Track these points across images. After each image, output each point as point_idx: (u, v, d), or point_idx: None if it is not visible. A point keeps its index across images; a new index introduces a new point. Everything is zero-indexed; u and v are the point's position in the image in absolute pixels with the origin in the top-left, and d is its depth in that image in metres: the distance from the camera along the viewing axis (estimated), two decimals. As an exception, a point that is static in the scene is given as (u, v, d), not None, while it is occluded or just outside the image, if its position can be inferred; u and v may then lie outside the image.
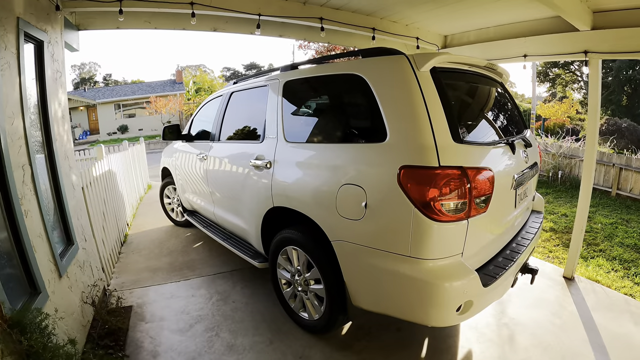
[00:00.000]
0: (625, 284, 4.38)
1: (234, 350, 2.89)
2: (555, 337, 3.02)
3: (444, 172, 2.08)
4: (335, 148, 2.62)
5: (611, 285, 4.09)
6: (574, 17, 3.28)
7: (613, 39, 3.49)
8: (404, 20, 4.77)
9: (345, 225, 2.46)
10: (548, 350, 2.85)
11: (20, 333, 1.87)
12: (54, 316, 2.20)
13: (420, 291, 2.19)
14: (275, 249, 3.13)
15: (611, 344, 2.93)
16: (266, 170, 3.11)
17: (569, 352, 2.84)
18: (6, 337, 1.81)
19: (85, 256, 3.30)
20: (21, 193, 2.23)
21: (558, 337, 3.02)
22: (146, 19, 3.81)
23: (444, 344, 2.95)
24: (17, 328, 1.87)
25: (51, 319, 2.12)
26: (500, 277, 2.38)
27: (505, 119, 3.16)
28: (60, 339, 2.22)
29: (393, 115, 2.28)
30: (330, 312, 2.75)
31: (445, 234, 2.15)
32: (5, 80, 2.14)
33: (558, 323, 3.21)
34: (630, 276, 4.69)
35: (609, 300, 3.66)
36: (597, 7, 3.47)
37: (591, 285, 3.94)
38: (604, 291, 3.84)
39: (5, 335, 1.81)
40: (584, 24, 3.45)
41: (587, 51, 3.70)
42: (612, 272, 4.80)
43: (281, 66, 3.39)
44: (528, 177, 2.90)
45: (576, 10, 3.28)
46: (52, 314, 2.18)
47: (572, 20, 3.38)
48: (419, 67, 2.26)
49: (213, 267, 4.37)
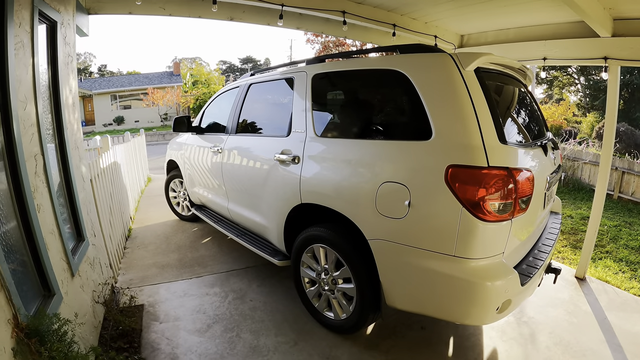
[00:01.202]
0: (633, 284, 4.44)
1: (257, 351, 2.75)
2: (574, 336, 3.03)
3: (492, 173, 2.07)
4: (375, 144, 2.54)
5: (620, 286, 4.13)
6: (596, 22, 3.32)
7: (633, 46, 3.57)
8: (424, 18, 4.81)
9: (385, 224, 2.38)
10: (568, 349, 2.87)
11: (39, 343, 1.71)
12: (73, 322, 2.03)
13: (464, 290, 2.17)
14: (300, 247, 3.01)
15: (627, 343, 2.97)
16: (293, 166, 2.98)
17: (589, 350, 2.85)
18: (24, 348, 1.65)
19: (95, 252, 3.14)
20: (34, 185, 2.06)
21: (576, 336, 3.03)
22: (161, 4, 3.68)
23: (468, 342, 2.93)
24: (36, 337, 1.71)
25: (70, 325, 1.95)
26: (534, 276, 2.41)
27: (535, 122, 3.15)
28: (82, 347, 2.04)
29: (439, 113, 2.24)
30: (360, 312, 2.67)
31: (491, 233, 2.14)
32: (19, 60, 1.96)
33: (575, 322, 3.23)
34: (637, 277, 4.76)
35: (620, 300, 3.70)
36: (618, 14, 3.53)
37: (602, 286, 3.96)
38: (614, 291, 3.88)
39: (22, 346, 1.65)
40: (605, 30, 3.51)
41: (607, 57, 3.78)
42: (620, 273, 4.87)
43: (306, 59, 3.29)
44: (555, 179, 2.96)
45: (599, 16, 3.32)
46: (71, 319, 2.00)
47: (595, 26, 3.44)
48: (464, 67, 2.24)
49: (225, 263, 4.21)
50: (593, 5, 3.15)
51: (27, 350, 1.65)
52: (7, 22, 1.81)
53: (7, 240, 1.81)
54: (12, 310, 1.64)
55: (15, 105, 1.86)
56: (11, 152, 1.84)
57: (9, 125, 1.81)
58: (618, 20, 3.59)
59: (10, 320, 1.61)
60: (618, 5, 3.33)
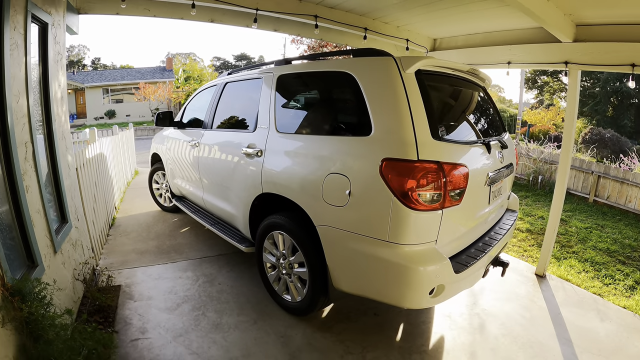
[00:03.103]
0: (594, 284, 4.64)
1: (219, 328, 3.03)
2: (524, 328, 3.21)
3: (422, 165, 2.27)
4: (324, 140, 2.79)
5: (581, 285, 4.32)
6: (555, 29, 3.47)
7: (594, 52, 3.69)
8: (395, 22, 4.93)
9: (329, 212, 2.63)
10: (517, 340, 3.04)
11: (21, 301, 1.98)
12: (51, 287, 2.31)
13: (397, 274, 2.36)
14: (262, 234, 3.28)
15: (576, 337, 3.13)
16: (257, 158, 3.26)
17: (537, 342, 3.02)
18: (7, 305, 1.92)
19: (78, 235, 3.40)
20: (23, 169, 2.33)
21: (526, 328, 3.21)
22: (146, 6, 3.88)
23: (418, 329, 3.14)
24: (18, 296, 1.98)
25: (49, 289, 2.23)
26: (471, 266, 2.58)
27: (485, 121, 3.36)
28: (58, 310, 2.33)
29: (378, 111, 2.47)
30: (312, 294, 2.91)
31: (421, 221, 2.34)
32: (14, 60, 2.24)
33: (527, 316, 3.40)
34: (600, 277, 4.95)
35: (578, 297, 3.87)
36: (580, 20, 3.68)
37: (561, 284, 4.16)
38: (573, 289, 4.06)
39: (7, 302, 1.92)
40: (566, 36, 3.65)
41: (567, 62, 3.91)
42: (583, 272, 5.06)
43: (275, 60, 3.54)
44: (502, 176, 3.10)
45: (558, 22, 3.47)
46: (50, 285, 2.29)
47: (554, 32, 3.57)
48: (404, 69, 2.45)
49: (199, 251, 4.49)
50: (551, 12, 3.28)
51: (10, 306, 1.92)
52: (4, 26, 2.09)
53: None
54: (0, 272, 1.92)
55: (10, 98, 2.14)
56: (5, 139, 2.12)
57: (4, 115, 2.09)
58: (581, 26, 3.74)
59: (-3, 280, 1.89)
60: (578, 11, 3.46)
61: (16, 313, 1.96)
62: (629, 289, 4.65)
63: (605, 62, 3.67)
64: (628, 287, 4.69)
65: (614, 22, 3.55)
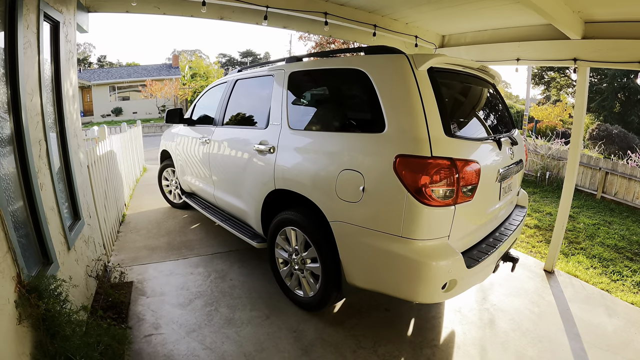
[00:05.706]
0: (602, 280, 4.64)
1: (232, 323, 3.05)
2: (533, 323, 3.21)
3: (435, 162, 2.28)
4: (337, 136, 2.80)
5: (589, 281, 4.31)
6: (564, 26, 3.46)
7: (602, 48, 3.70)
8: (404, 19, 4.92)
9: (343, 207, 2.65)
10: (526, 335, 3.05)
11: (37, 298, 2.00)
12: (67, 284, 2.33)
13: (410, 268, 2.38)
14: (275, 230, 3.29)
15: (585, 333, 3.14)
16: (269, 155, 3.27)
17: (546, 337, 3.03)
18: (24, 302, 1.94)
19: (90, 232, 3.43)
20: (38, 167, 2.35)
21: (536, 323, 3.22)
22: (156, 4, 3.89)
23: (429, 324, 3.15)
24: (35, 293, 2.00)
25: (64, 286, 2.25)
26: (483, 261, 2.59)
27: (495, 118, 3.37)
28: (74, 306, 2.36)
29: (392, 108, 2.48)
30: (325, 289, 2.93)
31: (434, 217, 2.35)
32: (27, 58, 2.25)
33: (536, 311, 3.41)
34: (608, 274, 4.95)
35: (586, 293, 3.87)
36: (589, 18, 3.67)
37: (570, 279, 4.15)
38: (581, 285, 4.05)
39: (23, 299, 1.94)
40: (575, 33, 3.64)
41: (576, 59, 3.92)
42: (591, 268, 5.05)
43: (286, 57, 3.55)
44: (513, 172, 3.11)
45: (567, 19, 3.46)
46: (66, 282, 2.31)
47: (563, 29, 3.56)
48: (417, 67, 2.46)
49: (210, 247, 4.52)
50: (560, 9, 3.29)
51: (27, 303, 1.94)
52: (18, 25, 2.10)
53: (14, 213, 2.11)
54: (16, 269, 1.93)
55: (24, 97, 2.16)
56: (20, 137, 2.13)
57: (19, 114, 2.11)
58: (589, 23, 3.73)
59: (14, 277, 1.90)
60: (587, 9, 3.47)
61: (33, 310, 1.98)
62: (637, 285, 4.65)
63: (613, 59, 3.67)
64: (636, 284, 4.68)
65: (623, 19, 3.55)
